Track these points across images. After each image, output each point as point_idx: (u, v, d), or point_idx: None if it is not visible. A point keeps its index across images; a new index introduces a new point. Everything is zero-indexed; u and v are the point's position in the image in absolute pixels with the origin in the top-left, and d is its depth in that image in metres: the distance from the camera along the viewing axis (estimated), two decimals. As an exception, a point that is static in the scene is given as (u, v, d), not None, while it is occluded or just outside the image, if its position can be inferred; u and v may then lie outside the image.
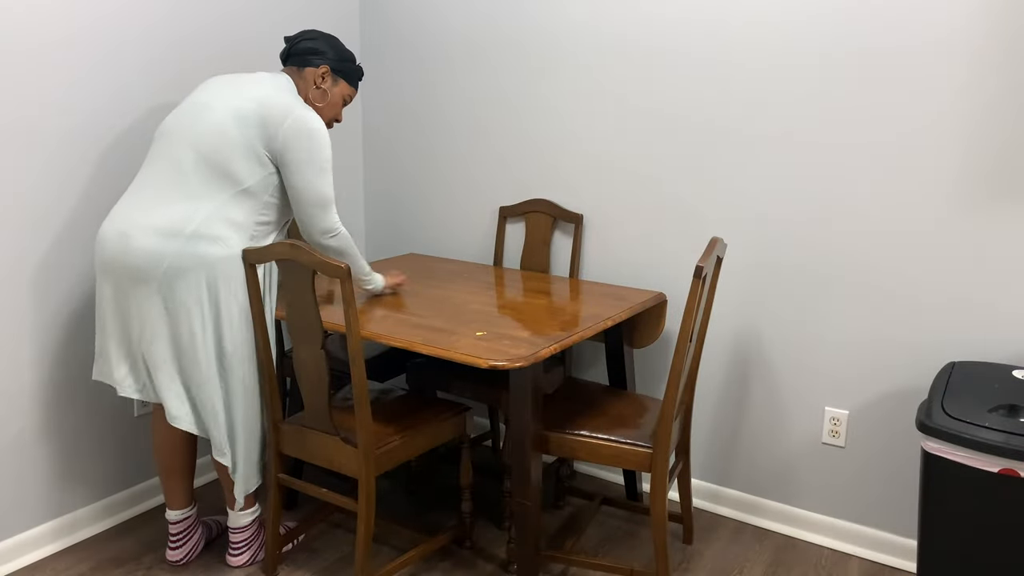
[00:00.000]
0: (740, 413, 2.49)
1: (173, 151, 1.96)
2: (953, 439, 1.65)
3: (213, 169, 1.94)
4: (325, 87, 2.12)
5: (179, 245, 1.89)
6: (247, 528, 2.18)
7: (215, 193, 1.94)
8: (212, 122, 1.95)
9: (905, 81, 2.09)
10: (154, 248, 1.89)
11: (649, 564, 2.28)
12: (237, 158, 1.94)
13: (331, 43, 2.14)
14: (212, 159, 1.93)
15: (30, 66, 2.06)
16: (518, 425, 1.98)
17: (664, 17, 2.42)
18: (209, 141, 1.94)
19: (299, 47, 2.12)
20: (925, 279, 2.14)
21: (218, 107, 1.96)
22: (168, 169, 1.96)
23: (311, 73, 2.11)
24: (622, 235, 2.61)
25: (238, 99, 1.97)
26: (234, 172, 1.94)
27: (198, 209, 1.92)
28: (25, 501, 2.20)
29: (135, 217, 1.93)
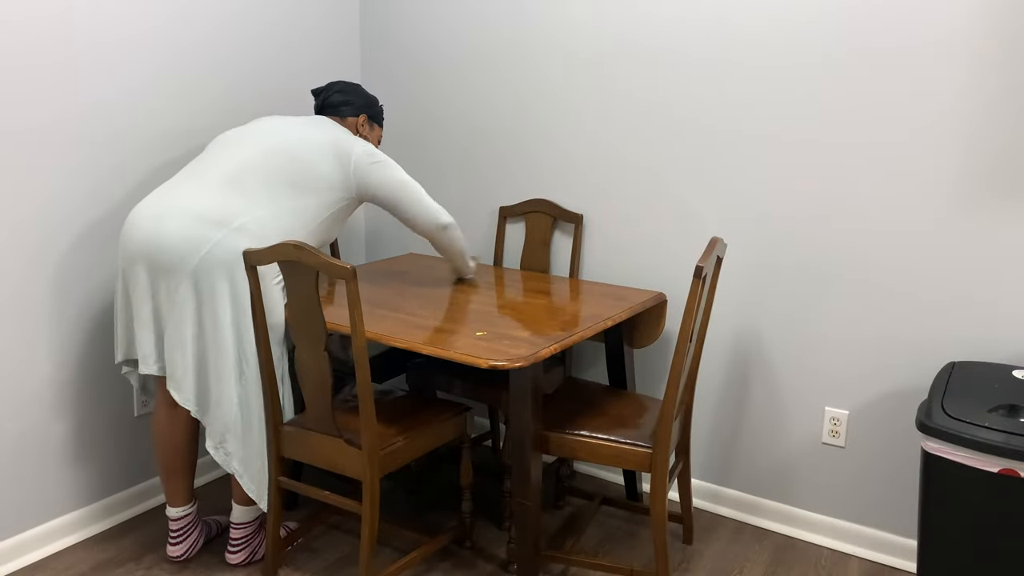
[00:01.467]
0: (740, 413, 2.49)
1: (238, 152, 2.05)
2: (953, 439, 1.65)
3: (280, 179, 2.04)
4: (365, 134, 2.34)
5: (223, 235, 1.94)
6: (248, 525, 2.18)
7: (274, 200, 2.03)
8: (289, 139, 2.08)
9: (906, 81, 2.09)
10: (195, 233, 1.92)
11: (649, 564, 2.28)
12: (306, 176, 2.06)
13: (359, 92, 2.33)
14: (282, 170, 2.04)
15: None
16: (518, 425, 1.98)
17: (664, 17, 2.42)
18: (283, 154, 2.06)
19: (332, 100, 2.30)
20: (925, 278, 2.14)
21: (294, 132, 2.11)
22: (228, 166, 2.03)
23: (352, 123, 2.32)
24: (622, 235, 2.61)
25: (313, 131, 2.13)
26: (298, 186, 2.05)
27: (253, 209, 1.99)
28: (25, 501, 2.20)
29: (173, 202, 1.96)
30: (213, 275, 1.94)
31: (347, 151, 2.13)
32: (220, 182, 2.01)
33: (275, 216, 2.02)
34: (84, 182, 2.23)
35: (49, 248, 2.17)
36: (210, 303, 1.95)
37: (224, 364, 1.99)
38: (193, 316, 1.96)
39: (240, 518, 2.17)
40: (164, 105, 2.41)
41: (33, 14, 2.05)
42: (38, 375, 2.19)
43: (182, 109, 2.45)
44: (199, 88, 2.50)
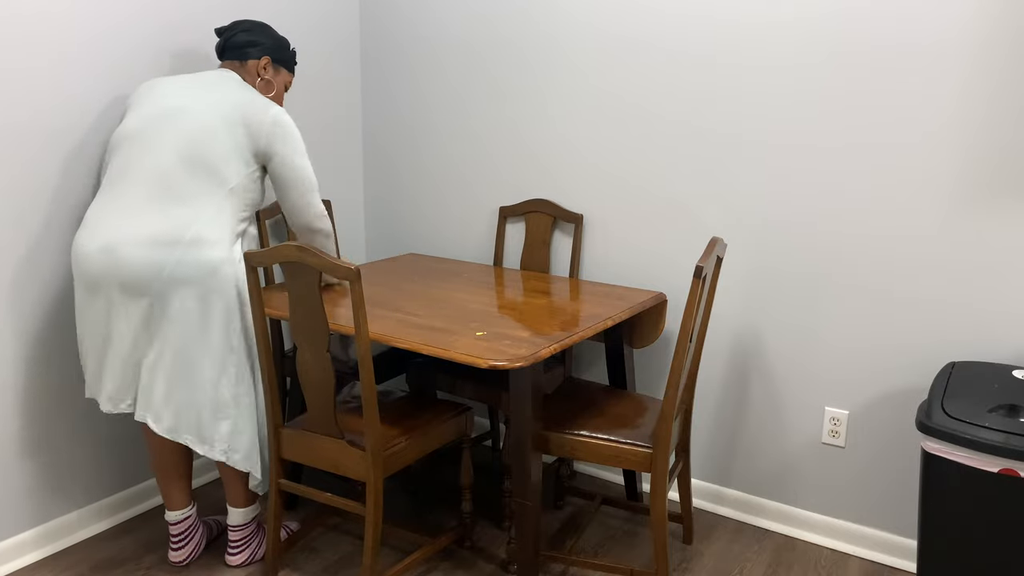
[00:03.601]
0: (740, 413, 2.50)
1: (152, 157, 1.93)
2: (953, 439, 1.65)
3: (204, 171, 1.93)
4: (268, 77, 2.16)
5: (180, 252, 1.88)
6: (246, 526, 2.18)
7: (210, 196, 1.94)
8: (196, 126, 1.94)
9: (906, 84, 2.09)
10: (152, 259, 1.87)
11: (649, 564, 2.28)
12: (227, 159, 1.95)
13: (267, 32, 2.16)
14: (202, 161, 1.93)
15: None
16: (518, 425, 1.98)
17: (664, 18, 2.42)
18: (197, 142, 1.93)
19: (235, 40, 2.12)
20: (925, 278, 2.14)
21: (197, 110, 1.96)
22: (150, 176, 1.92)
23: (253, 65, 2.13)
24: (622, 235, 2.61)
25: (219, 103, 1.98)
26: (223, 172, 1.95)
27: (198, 213, 1.92)
28: (23, 502, 2.20)
29: (121, 229, 1.88)
30: (179, 295, 1.89)
31: (257, 121, 1.99)
32: (152, 198, 1.91)
33: (220, 209, 1.95)
34: (78, 183, 2.22)
35: (34, 248, 2.17)
36: (190, 321, 1.91)
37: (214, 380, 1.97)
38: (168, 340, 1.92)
39: (237, 520, 2.16)
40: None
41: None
42: (32, 375, 2.19)
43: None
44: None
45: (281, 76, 2.20)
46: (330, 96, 2.98)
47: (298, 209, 2.09)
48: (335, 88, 3.00)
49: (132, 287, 1.88)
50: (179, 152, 1.93)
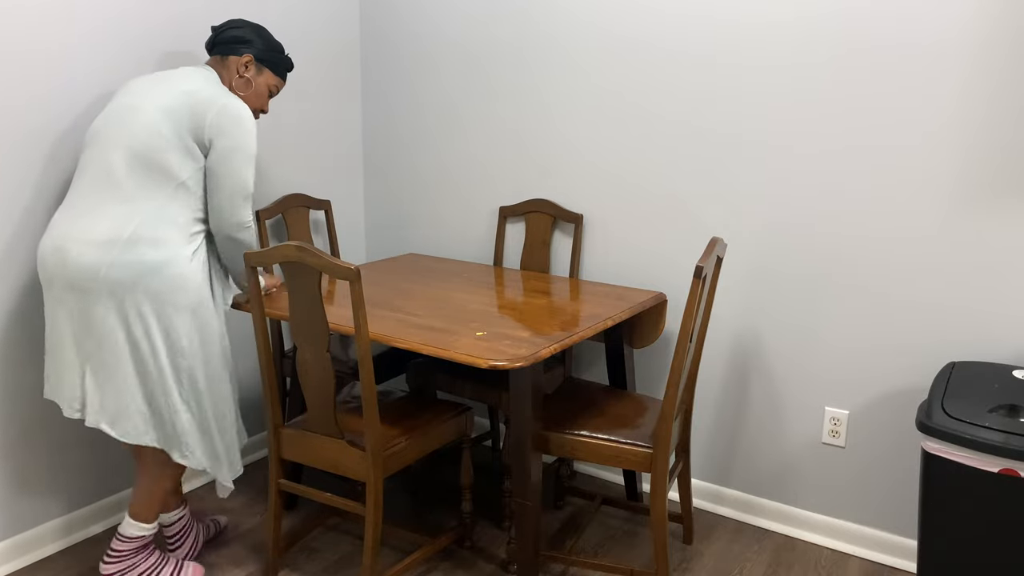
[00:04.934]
0: (740, 413, 2.50)
1: (103, 156, 1.89)
2: (953, 439, 1.65)
3: (147, 167, 1.88)
4: (249, 76, 2.08)
5: (117, 253, 1.83)
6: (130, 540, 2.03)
7: (153, 193, 1.88)
8: (142, 121, 1.89)
9: (906, 85, 2.08)
10: (91, 260, 1.82)
11: (649, 564, 2.28)
12: (170, 152, 1.88)
13: (258, 32, 2.10)
14: (145, 157, 1.88)
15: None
16: (518, 425, 1.98)
17: (664, 18, 2.42)
18: (141, 140, 1.88)
19: (224, 36, 2.07)
20: (925, 279, 2.14)
21: (146, 106, 1.90)
22: (99, 175, 1.89)
23: (234, 62, 2.07)
24: (622, 235, 2.61)
25: (166, 95, 1.92)
26: (168, 167, 1.89)
27: (136, 211, 1.86)
28: (25, 500, 2.20)
29: (70, 230, 1.86)
30: (120, 296, 1.84)
31: (202, 110, 1.91)
32: (100, 198, 1.87)
33: (161, 210, 1.88)
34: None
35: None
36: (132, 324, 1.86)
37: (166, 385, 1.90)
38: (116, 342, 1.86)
39: (128, 531, 2.02)
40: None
41: (33, 14, 2.05)
42: (37, 376, 2.19)
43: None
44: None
45: (264, 77, 2.12)
46: (330, 97, 2.98)
47: (220, 212, 1.97)
48: (335, 88, 3.00)
49: (76, 288, 1.84)
50: (125, 149, 1.88)
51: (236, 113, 1.94)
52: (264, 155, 2.75)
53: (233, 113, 1.94)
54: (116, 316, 1.85)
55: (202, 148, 1.94)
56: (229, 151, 1.94)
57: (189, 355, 1.92)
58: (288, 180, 2.86)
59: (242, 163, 1.96)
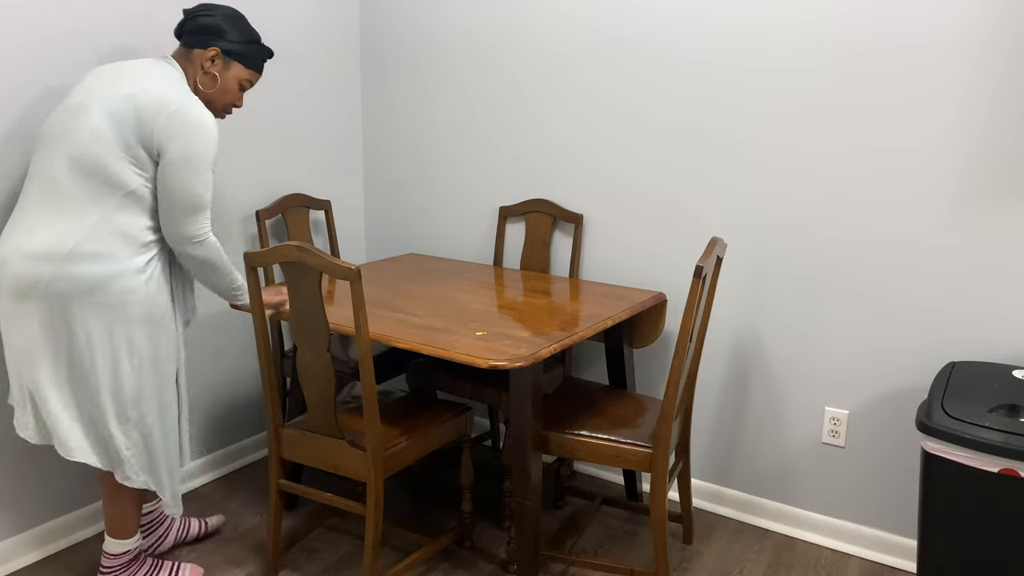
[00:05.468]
0: (740, 413, 2.50)
1: (49, 162, 1.76)
2: (953, 439, 1.65)
3: (90, 176, 1.74)
4: (215, 71, 1.90)
5: (53, 269, 1.72)
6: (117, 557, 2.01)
7: (97, 203, 1.75)
8: (85, 125, 1.74)
9: (906, 87, 2.08)
10: (27, 274, 1.72)
11: (649, 564, 2.28)
12: (114, 161, 1.74)
13: (229, 19, 1.91)
14: (88, 165, 1.73)
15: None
16: (518, 425, 1.98)
17: (664, 19, 2.42)
18: (84, 147, 1.73)
19: (193, 24, 1.89)
20: (925, 280, 2.14)
21: (92, 107, 1.75)
22: (44, 182, 1.76)
23: (199, 56, 1.88)
24: (622, 235, 2.61)
25: (113, 96, 1.75)
26: (113, 176, 1.75)
27: (78, 224, 1.74)
28: (25, 500, 2.19)
29: (13, 241, 1.75)
30: (59, 313, 1.74)
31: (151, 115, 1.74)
32: (43, 208, 1.75)
33: (105, 222, 1.75)
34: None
35: None
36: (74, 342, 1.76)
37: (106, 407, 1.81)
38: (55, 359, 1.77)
39: (110, 549, 2.00)
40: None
41: (33, 14, 2.05)
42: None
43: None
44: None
45: (233, 71, 1.92)
46: (330, 97, 2.98)
47: (168, 225, 1.82)
48: (335, 89, 3.00)
49: (17, 304, 1.74)
50: (68, 157, 1.74)
51: (187, 118, 1.77)
52: (264, 155, 2.75)
53: (184, 118, 1.76)
54: (61, 329, 1.75)
55: (152, 155, 1.78)
56: (178, 160, 1.77)
57: (133, 374, 1.82)
58: (288, 180, 2.86)
59: (191, 172, 1.78)
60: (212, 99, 1.95)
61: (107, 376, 1.80)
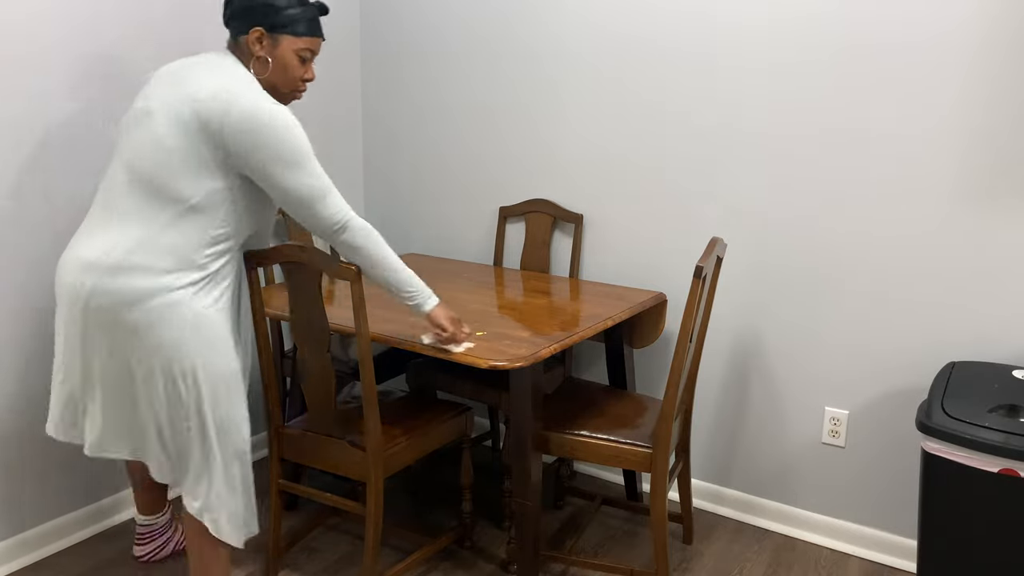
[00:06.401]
0: (740, 413, 2.50)
1: (110, 168, 1.69)
2: (953, 439, 1.65)
3: (147, 186, 1.62)
4: (263, 53, 1.70)
5: (95, 281, 1.61)
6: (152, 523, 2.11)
7: (150, 214, 1.62)
8: (148, 132, 1.62)
9: (907, 85, 2.08)
10: (73, 282, 1.64)
11: (649, 564, 2.28)
12: (181, 173, 1.61)
13: None
14: (146, 174, 1.62)
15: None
16: (518, 425, 1.98)
17: (665, 19, 2.42)
18: (142, 155, 1.62)
19: (230, 10, 1.71)
20: (925, 279, 2.14)
21: (156, 114, 1.62)
22: (103, 190, 1.69)
23: (246, 42, 1.70)
24: (622, 235, 2.61)
25: (176, 99, 1.62)
26: (173, 190, 1.61)
27: (124, 236, 1.62)
28: (25, 500, 2.20)
29: (74, 248, 1.68)
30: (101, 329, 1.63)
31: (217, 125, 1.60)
32: (100, 211, 1.67)
33: (156, 236, 1.62)
34: (80, 181, 2.23)
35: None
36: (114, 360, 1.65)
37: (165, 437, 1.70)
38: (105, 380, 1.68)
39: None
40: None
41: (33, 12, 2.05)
42: (37, 376, 2.19)
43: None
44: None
45: (284, 46, 1.71)
46: (330, 97, 2.98)
47: (311, 227, 1.73)
48: (335, 89, 3.00)
49: (67, 311, 1.67)
50: (128, 164, 1.64)
51: (253, 120, 1.60)
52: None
53: (249, 122, 1.60)
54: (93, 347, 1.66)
55: (230, 167, 1.64)
56: (271, 164, 1.62)
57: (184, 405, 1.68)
58: (288, 180, 2.86)
59: (290, 170, 1.63)
60: (274, 84, 1.75)
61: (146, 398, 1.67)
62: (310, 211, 1.68)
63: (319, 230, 1.72)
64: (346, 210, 1.71)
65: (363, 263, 1.76)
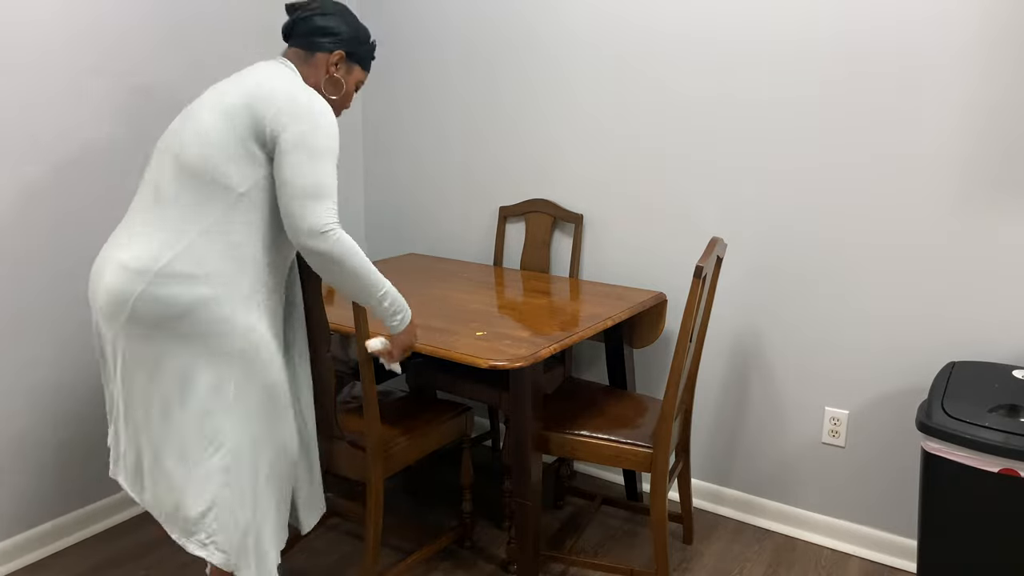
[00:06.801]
0: (740, 413, 2.50)
1: (155, 168, 1.63)
2: (953, 439, 1.65)
3: (196, 178, 1.56)
4: (339, 75, 1.76)
5: (143, 286, 1.53)
6: None
7: (202, 211, 1.56)
8: (195, 126, 1.59)
9: (907, 86, 2.08)
10: (118, 288, 1.54)
11: (649, 564, 2.28)
12: (222, 159, 1.56)
13: (347, 20, 1.76)
14: (193, 165, 1.57)
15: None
16: (518, 425, 1.98)
17: (664, 20, 2.42)
18: (188, 145, 1.58)
19: (308, 24, 1.73)
20: (925, 279, 2.14)
21: (202, 111, 1.60)
22: (148, 190, 1.62)
23: (323, 59, 1.73)
24: (622, 235, 2.61)
25: (225, 96, 1.60)
26: (221, 176, 1.56)
27: (177, 237, 1.55)
28: (26, 500, 2.20)
29: (111, 251, 1.60)
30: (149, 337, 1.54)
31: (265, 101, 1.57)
32: (145, 212, 1.59)
33: (211, 231, 1.56)
34: (81, 181, 2.23)
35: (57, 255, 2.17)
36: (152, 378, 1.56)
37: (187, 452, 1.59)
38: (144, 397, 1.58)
39: None
40: (159, 107, 2.40)
41: (32, 16, 2.05)
42: (38, 375, 2.19)
43: (177, 109, 2.46)
44: (191, 85, 2.50)
45: (354, 75, 1.80)
46: (330, 96, 2.98)
47: (289, 217, 1.56)
48: (335, 88, 3.00)
49: (106, 321, 1.58)
50: (174, 158, 1.59)
51: (305, 105, 1.58)
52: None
53: (304, 102, 1.58)
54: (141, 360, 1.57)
55: (267, 149, 1.59)
56: (294, 143, 1.55)
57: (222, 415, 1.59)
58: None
59: (309, 157, 1.56)
60: (333, 105, 1.80)
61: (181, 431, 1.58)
62: (303, 202, 1.55)
63: (303, 227, 1.55)
64: (336, 219, 1.60)
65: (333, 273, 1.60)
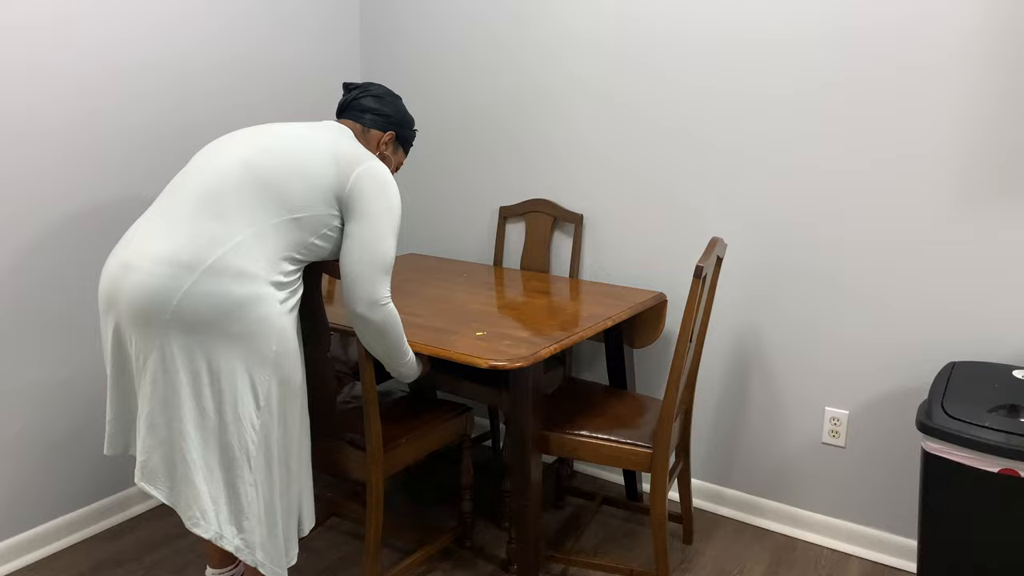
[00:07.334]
0: (740, 413, 2.50)
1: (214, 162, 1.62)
2: (953, 439, 1.65)
3: (263, 188, 1.59)
4: (388, 154, 1.91)
5: (194, 280, 1.50)
6: None
7: (256, 218, 1.57)
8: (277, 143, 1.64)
9: (907, 85, 2.08)
10: (161, 282, 1.50)
11: (649, 564, 2.28)
12: (299, 184, 1.61)
13: (397, 106, 1.91)
14: (265, 176, 1.59)
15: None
16: (518, 425, 1.98)
17: (665, 20, 2.42)
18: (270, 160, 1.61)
19: (363, 103, 1.87)
20: (925, 279, 2.14)
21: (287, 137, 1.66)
22: (197, 185, 1.59)
23: (376, 137, 1.87)
24: (622, 235, 2.61)
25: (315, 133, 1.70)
26: (288, 196, 1.60)
27: (231, 233, 1.54)
28: (26, 500, 2.20)
29: (143, 244, 1.55)
30: (186, 336, 1.51)
31: (353, 159, 1.67)
32: (194, 207, 1.57)
33: (258, 238, 1.56)
34: (81, 180, 2.23)
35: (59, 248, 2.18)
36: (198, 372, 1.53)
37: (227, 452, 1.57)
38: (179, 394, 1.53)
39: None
40: (163, 105, 2.41)
41: (32, 15, 2.06)
42: (38, 375, 2.19)
43: (181, 108, 2.45)
44: (197, 86, 2.50)
45: (398, 156, 1.96)
46: (330, 96, 2.98)
47: (354, 283, 1.65)
48: (335, 88, 3.00)
49: (139, 316, 1.52)
50: (248, 161, 1.60)
51: (383, 177, 1.70)
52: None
53: (381, 175, 1.69)
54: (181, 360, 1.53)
55: (340, 203, 1.66)
56: (374, 216, 1.66)
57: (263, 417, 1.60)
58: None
59: (386, 231, 1.68)
60: None
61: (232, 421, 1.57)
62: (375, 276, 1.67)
63: (365, 296, 1.67)
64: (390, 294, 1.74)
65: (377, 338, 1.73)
